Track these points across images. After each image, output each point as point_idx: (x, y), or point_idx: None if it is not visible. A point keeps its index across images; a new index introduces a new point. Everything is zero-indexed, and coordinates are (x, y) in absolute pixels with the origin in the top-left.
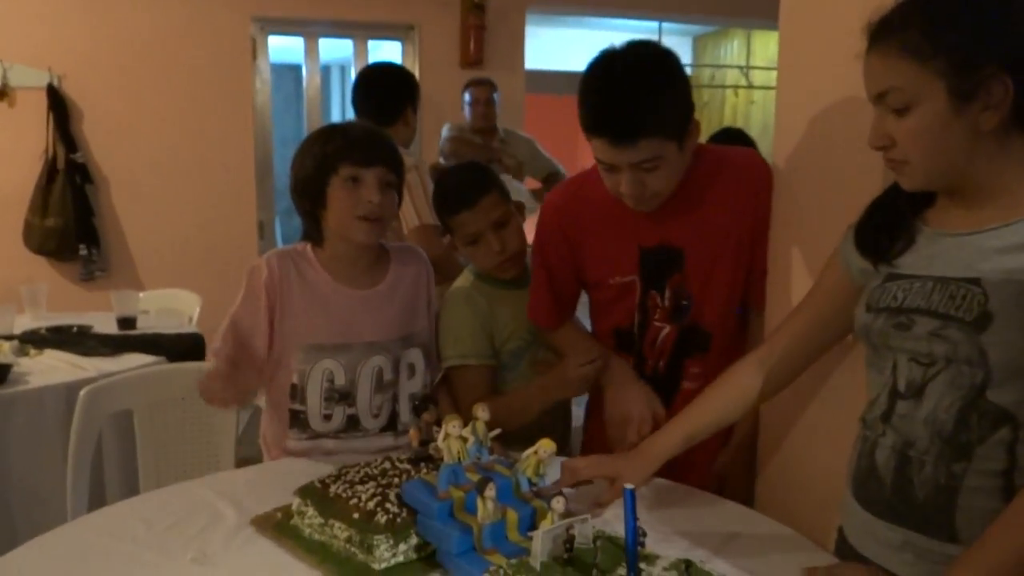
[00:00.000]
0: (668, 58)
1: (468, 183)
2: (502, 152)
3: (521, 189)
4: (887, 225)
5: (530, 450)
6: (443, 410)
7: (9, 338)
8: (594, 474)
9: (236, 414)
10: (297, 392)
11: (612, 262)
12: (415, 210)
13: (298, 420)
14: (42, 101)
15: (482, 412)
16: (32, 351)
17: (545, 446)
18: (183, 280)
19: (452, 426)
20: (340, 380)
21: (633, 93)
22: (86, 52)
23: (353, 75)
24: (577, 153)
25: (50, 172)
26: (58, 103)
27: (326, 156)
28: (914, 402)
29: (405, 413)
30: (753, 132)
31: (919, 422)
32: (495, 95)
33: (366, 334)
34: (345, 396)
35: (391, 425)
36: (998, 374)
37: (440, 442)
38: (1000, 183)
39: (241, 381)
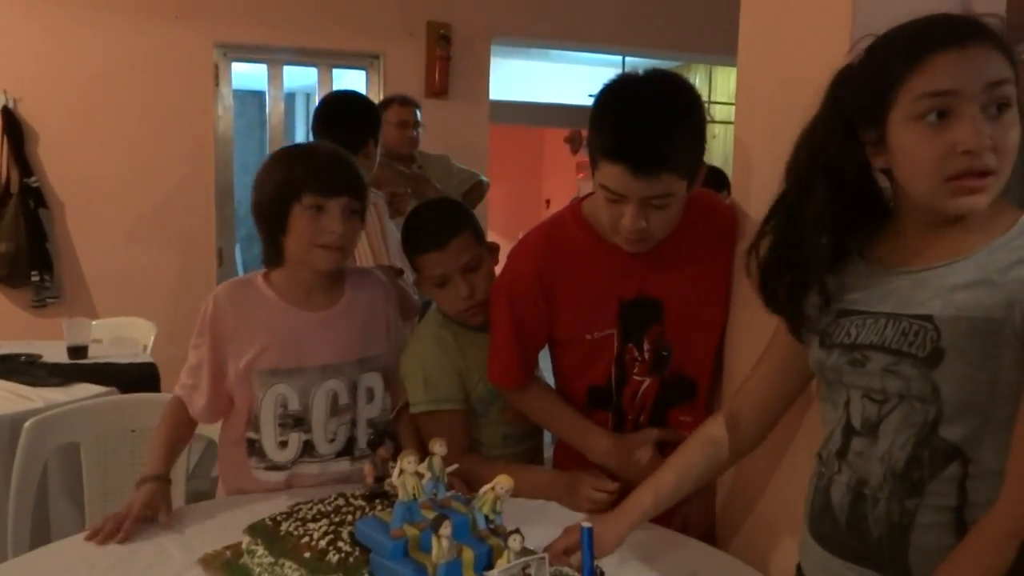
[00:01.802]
0: (694, 93)
1: (439, 222)
2: (425, 181)
3: None
4: (822, 262)
5: (487, 486)
6: (403, 444)
7: None
8: (572, 544)
9: (187, 447)
10: (252, 419)
11: (589, 317)
12: (370, 249)
13: (255, 449)
14: None
15: (439, 447)
16: None
17: (502, 482)
18: (139, 308)
19: (408, 462)
20: (293, 405)
21: (662, 123)
22: (43, 75)
23: (317, 102)
24: (542, 182)
25: (2, 196)
26: (13, 126)
27: (290, 183)
28: (869, 439)
29: (363, 439)
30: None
31: (874, 459)
32: (419, 113)
33: (320, 357)
34: (299, 422)
35: (347, 450)
36: (950, 410)
37: (395, 478)
38: (967, 221)
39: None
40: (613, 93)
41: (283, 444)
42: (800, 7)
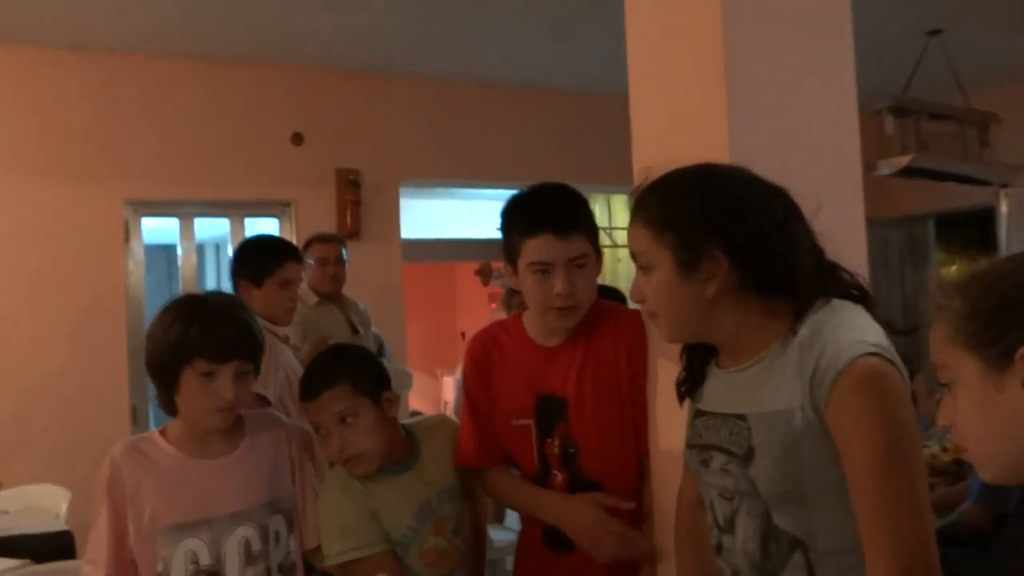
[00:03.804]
0: (558, 188)
1: (319, 370)
2: (362, 336)
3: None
4: (686, 368)
5: None
6: None
7: None
8: None
9: None
10: None
11: (513, 404)
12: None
13: None
14: None
15: None
16: None
17: None
18: (49, 473)
19: None
20: (205, 559)
21: (567, 198)
22: None
23: (229, 252)
24: (456, 315)
25: None
26: None
27: (181, 346)
28: (730, 536)
29: None
30: (622, 286)
31: (737, 553)
32: (344, 252)
33: (227, 504)
34: None
35: None
36: (771, 502)
37: None
38: (745, 332)
39: None
40: (521, 195)
41: None
42: (682, 139)
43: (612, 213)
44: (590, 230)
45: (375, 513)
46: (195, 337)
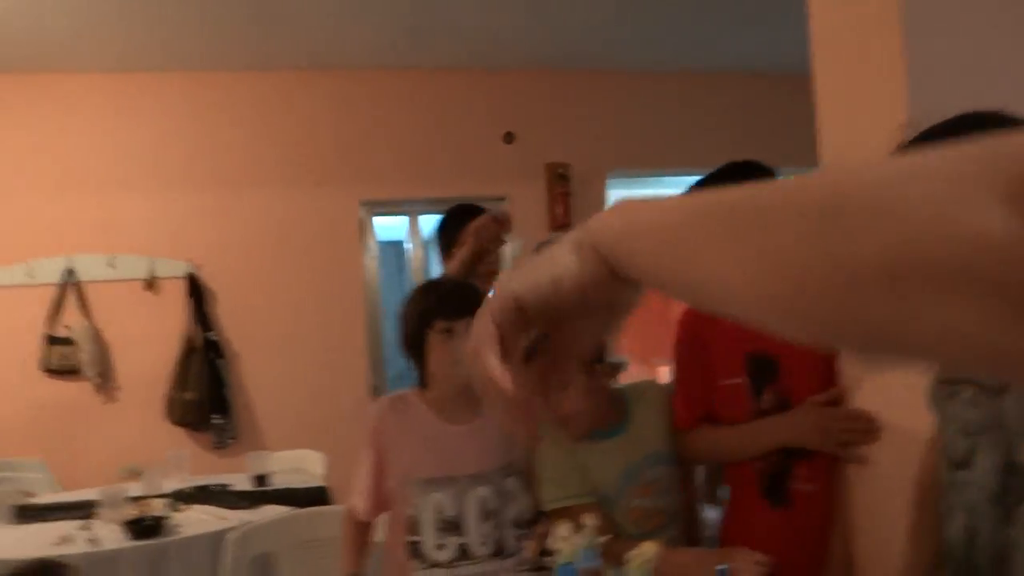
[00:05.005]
0: (747, 166)
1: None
2: None
3: None
4: None
5: (634, 551)
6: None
7: (161, 496)
8: None
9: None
10: (414, 524)
11: (724, 364)
12: None
13: (416, 551)
14: (182, 288)
15: (590, 519)
16: (181, 506)
17: (648, 549)
18: (305, 442)
19: (564, 528)
20: (449, 511)
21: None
22: (220, 242)
23: None
24: (673, 304)
25: (188, 350)
26: (196, 289)
27: (422, 313)
28: (967, 471)
29: (510, 540)
30: None
31: (974, 487)
32: None
33: (469, 466)
34: (455, 526)
35: (499, 552)
36: (1017, 435)
37: (554, 543)
38: None
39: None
40: None
41: (440, 547)
42: (866, 118)
43: None
44: None
45: (583, 468)
46: (433, 303)
